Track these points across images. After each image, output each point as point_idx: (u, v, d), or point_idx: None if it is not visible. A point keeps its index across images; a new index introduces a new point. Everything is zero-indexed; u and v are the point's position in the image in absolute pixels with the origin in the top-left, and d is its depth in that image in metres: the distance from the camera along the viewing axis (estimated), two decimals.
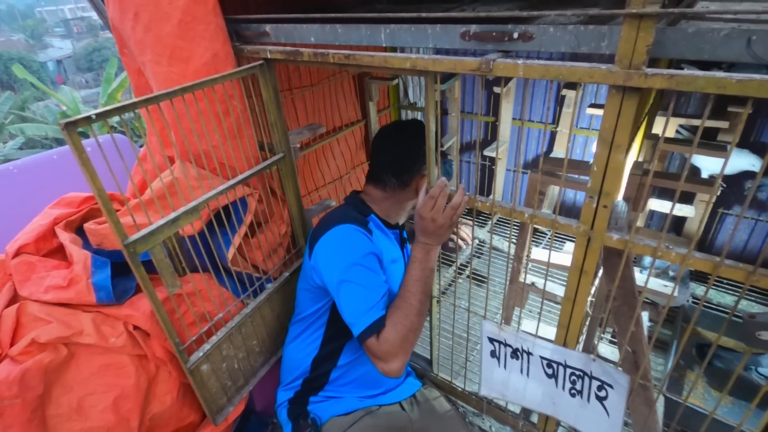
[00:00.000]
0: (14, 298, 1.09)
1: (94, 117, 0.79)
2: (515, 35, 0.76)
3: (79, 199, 1.25)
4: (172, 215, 0.96)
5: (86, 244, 1.18)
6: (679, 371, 1.54)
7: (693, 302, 1.82)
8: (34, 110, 11.39)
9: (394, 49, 2.00)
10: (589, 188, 0.77)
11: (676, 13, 0.59)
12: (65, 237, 1.15)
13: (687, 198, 1.86)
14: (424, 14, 0.81)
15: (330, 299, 1.16)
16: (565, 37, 0.72)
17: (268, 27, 1.09)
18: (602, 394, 0.96)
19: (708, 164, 1.76)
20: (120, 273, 1.15)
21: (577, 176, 1.15)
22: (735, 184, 1.90)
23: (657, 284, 1.11)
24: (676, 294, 1.04)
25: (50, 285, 1.07)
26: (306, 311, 1.22)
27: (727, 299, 1.92)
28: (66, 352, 1.04)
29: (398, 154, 1.17)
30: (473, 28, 0.80)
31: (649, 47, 0.62)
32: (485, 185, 2.69)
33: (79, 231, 1.22)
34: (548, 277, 0.97)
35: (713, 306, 1.84)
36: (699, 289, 1.96)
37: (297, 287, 1.28)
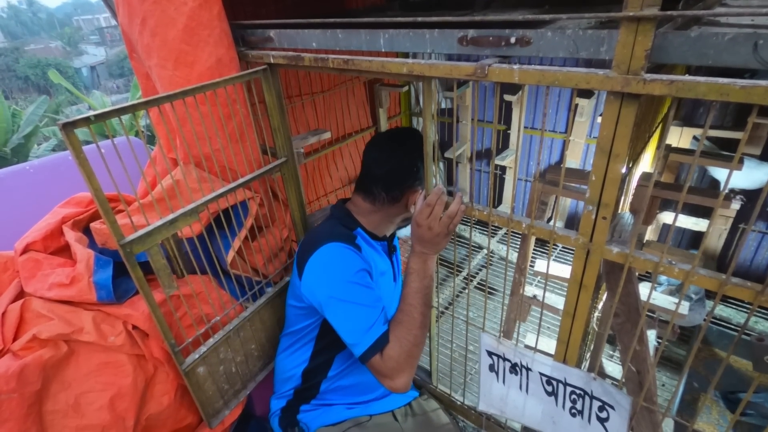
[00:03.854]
0: (20, 294, 1.12)
1: (93, 118, 0.80)
2: (512, 40, 0.74)
3: (88, 198, 1.28)
4: (170, 216, 0.96)
5: (92, 244, 1.21)
6: (692, 394, 1.46)
7: (711, 323, 1.74)
8: (67, 114, 11.90)
9: (406, 55, 2.00)
10: (588, 199, 0.74)
11: (675, 16, 0.56)
12: (71, 236, 1.17)
13: (707, 212, 1.78)
14: (420, 19, 0.80)
15: (320, 317, 1.13)
16: (563, 42, 0.70)
17: (272, 32, 1.10)
18: (603, 415, 0.92)
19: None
20: (124, 272, 1.17)
21: (579, 186, 1.11)
22: (758, 198, 1.80)
23: (666, 301, 1.06)
24: (685, 312, 0.99)
25: (54, 282, 1.09)
26: (295, 326, 1.20)
27: (751, 319, 1.82)
28: (66, 349, 1.05)
29: (391, 168, 1.10)
30: (470, 33, 0.78)
31: (648, 52, 0.59)
32: (497, 194, 2.65)
33: (87, 230, 1.25)
34: (554, 291, 0.94)
35: (733, 326, 1.75)
36: (723, 311, 1.86)
37: (286, 300, 1.25)
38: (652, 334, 1.23)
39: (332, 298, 1.00)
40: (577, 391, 0.94)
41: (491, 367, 1.08)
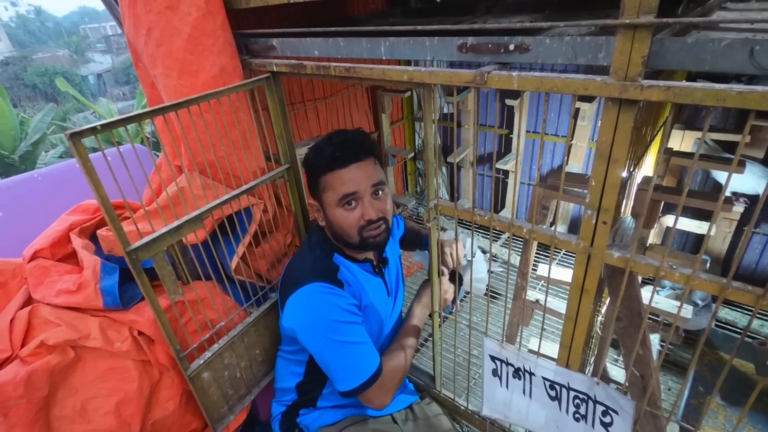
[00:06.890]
0: (28, 301, 1.13)
1: (99, 128, 0.82)
2: (511, 47, 0.75)
3: (94, 206, 1.30)
4: (175, 223, 0.98)
5: (99, 250, 1.22)
6: (698, 398, 1.45)
7: (717, 326, 1.73)
8: (74, 121, 12.03)
9: (408, 62, 2.01)
10: (588, 203, 0.74)
11: (671, 23, 0.57)
12: (78, 243, 1.19)
13: (711, 216, 1.77)
14: (420, 27, 0.81)
15: None
16: (562, 48, 0.71)
17: (274, 41, 1.11)
18: (607, 420, 0.91)
19: (731, 181, 1.67)
20: (130, 279, 1.18)
21: (580, 190, 1.11)
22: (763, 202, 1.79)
23: (669, 305, 1.06)
24: (689, 316, 0.98)
25: (61, 289, 1.11)
26: (286, 347, 1.22)
27: (755, 323, 1.80)
28: (73, 355, 1.07)
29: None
30: (470, 40, 0.79)
31: (645, 58, 0.60)
32: (500, 198, 2.64)
33: (93, 237, 1.27)
34: (557, 295, 0.94)
35: (738, 329, 1.73)
36: (728, 314, 1.84)
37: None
38: (655, 338, 1.23)
39: (322, 340, 0.99)
40: (581, 396, 0.94)
41: (494, 372, 1.08)
